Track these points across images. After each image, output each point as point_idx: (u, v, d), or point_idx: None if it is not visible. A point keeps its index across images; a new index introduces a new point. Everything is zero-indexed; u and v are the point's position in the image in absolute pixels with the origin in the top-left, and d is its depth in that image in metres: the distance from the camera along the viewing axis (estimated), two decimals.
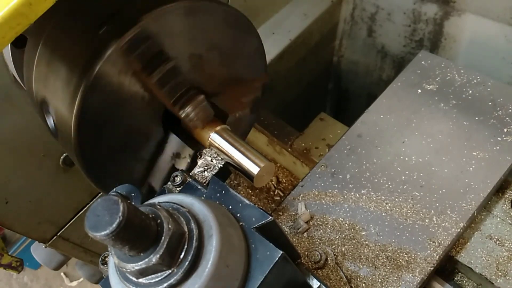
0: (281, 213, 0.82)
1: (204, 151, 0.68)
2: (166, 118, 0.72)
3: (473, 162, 0.81)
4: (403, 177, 0.82)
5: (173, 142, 0.77)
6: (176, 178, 0.58)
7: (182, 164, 0.78)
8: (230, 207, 0.52)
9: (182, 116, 0.69)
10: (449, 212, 0.77)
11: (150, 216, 0.40)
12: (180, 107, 0.69)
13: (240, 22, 0.71)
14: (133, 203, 0.41)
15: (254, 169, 0.63)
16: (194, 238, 0.42)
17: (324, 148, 1.20)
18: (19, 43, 0.76)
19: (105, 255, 0.56)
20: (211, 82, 0.73)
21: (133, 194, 0.50)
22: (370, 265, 0.73)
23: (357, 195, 0.81)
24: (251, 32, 0.75)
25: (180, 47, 0.66)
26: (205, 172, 0.66)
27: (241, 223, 0.50)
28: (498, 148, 0.82)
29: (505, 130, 0.83)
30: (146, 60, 0.62)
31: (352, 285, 0.72)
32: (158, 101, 0.67)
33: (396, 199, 0.80)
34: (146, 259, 0.39)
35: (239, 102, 0.81)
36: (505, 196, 0.82)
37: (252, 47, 0.77)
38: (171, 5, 0.61)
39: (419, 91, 0.93)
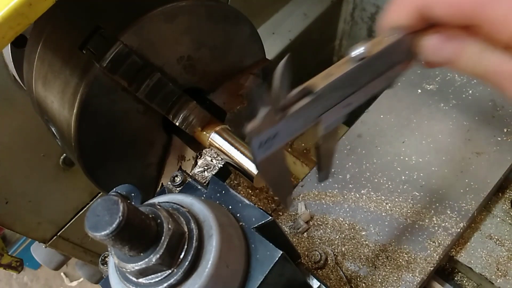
0: (281, 213, 0.82)
1: (204, 151, 0.68)
2: (167, 122, 0.72)
3: (473, 162, 0.81)
4: (403, 177, 0.82)
5: (178, 144, 0.77)
6: (176, 178, 0.58)
7: (187, 167, 0.78)
8: (230, 207, 0.52)
9: (178, 123, 0.68)
10: (449, 212, 0.77)
11: (150, 216, 0.40)
12: (173, 116, 0.68)
13: (225, 14, 0.69)
14: (133, 203, 0.41)
15: (254, 169, 0.63)
16: (194, 238, 0.42)
17: None
18: (19, 43, 0.76)
19: (105, 255, 0.56)
20: (206, 79, 0.72)
21: (133, 194, 0.50)
22: (370, 265, 0.73)
23: (357, 195, 0.81)
24: (241, 21, 0.72)
25: (166, 54, 0.65)
26: (205, 172, 0.66)
27: (241, 223, 0.50)
28: (498, 148, 0.82)
29: (505, 130, 0.83)
30: (132, 76, 0.61)
31: (352, 285, 0.72)
32: (154, 110, 0.67)
33: (396, 199, 0.80)
34: (146, 259, 0.39)
35: (238, 94, 0.80)
36: (505, 196, 0.82)
37: (244, 35, 0.74)
38: (147, 15, 0.60)
39: (419, 91, 0.93)
